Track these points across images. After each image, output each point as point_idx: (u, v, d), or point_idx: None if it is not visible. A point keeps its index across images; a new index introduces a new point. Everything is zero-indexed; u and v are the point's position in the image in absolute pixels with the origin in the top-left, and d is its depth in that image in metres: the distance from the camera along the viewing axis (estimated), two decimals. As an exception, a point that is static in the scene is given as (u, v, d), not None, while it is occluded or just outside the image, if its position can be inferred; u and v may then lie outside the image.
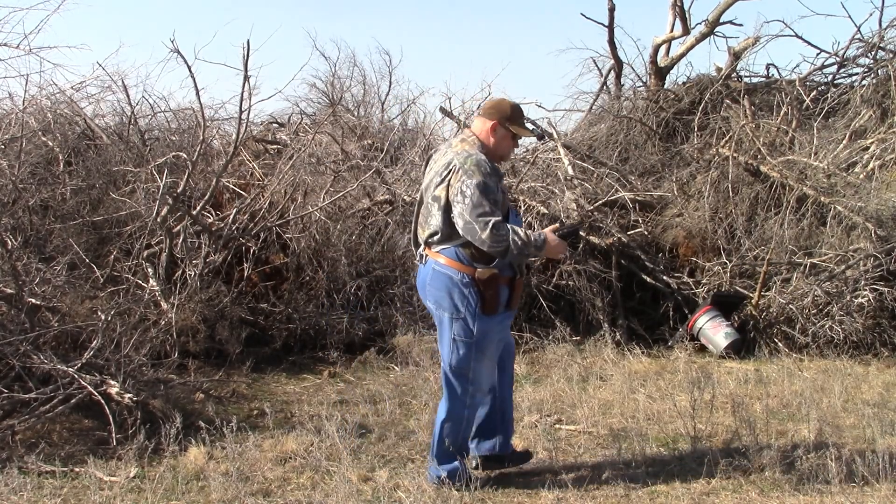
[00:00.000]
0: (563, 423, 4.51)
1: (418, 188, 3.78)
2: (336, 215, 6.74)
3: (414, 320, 6.28)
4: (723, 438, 4.21)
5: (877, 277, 6.26)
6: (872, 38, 8.66)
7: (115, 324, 4.76)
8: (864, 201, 6.49)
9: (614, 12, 9.21)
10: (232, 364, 5.66)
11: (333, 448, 3.95)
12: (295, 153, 7.07)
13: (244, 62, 5.70)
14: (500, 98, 3.63)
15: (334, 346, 6.10)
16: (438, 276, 3.39)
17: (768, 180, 7.12)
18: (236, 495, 3.47)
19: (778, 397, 4.98)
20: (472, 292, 3.33)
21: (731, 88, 8.90)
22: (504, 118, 3.41)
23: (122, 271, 5.88)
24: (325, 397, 5.13)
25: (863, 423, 4.40)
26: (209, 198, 6.18)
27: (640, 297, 6.98)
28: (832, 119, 8.04)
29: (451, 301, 3.36)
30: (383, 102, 11.09)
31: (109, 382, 4.30)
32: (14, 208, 5.82)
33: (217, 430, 4.02)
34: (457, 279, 3.34)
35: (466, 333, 3.38)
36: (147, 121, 8.07)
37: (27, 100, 6.53)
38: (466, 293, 3.34)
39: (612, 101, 9.61)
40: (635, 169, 8.12)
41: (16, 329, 4.57)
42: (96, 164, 6.77)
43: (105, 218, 6.32)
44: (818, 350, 6.15)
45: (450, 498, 3.41)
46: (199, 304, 5.66)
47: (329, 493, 3.48)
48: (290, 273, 6.56)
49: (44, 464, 3.76)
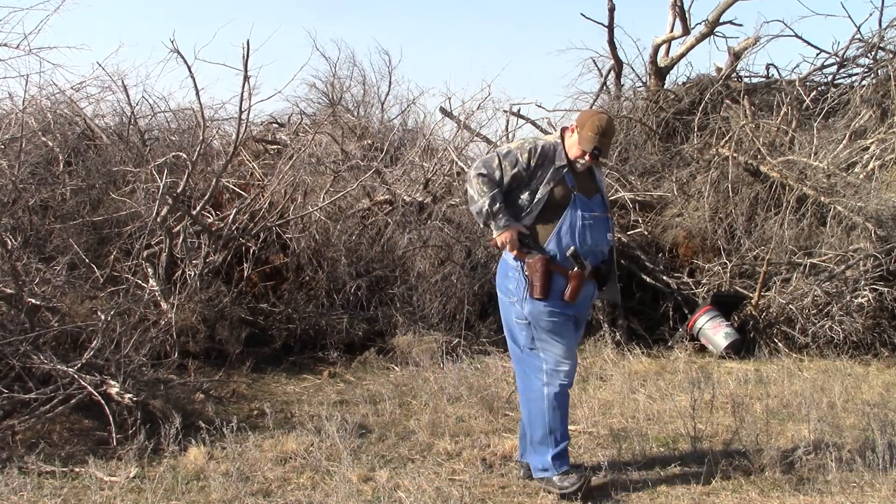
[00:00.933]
0: (564, 423, 4.50)
1: (419, 188, 3.83)
2: (336, 215, 6.74)
3: (414, 320, 6.28)
4: (723, 438, 4.21)
5: (877, 277, 6.26)
6: (872, 38, 8.66)
7: (115, 324, 4.76)
8: (864, 201, 6.49)
9: (614, 12, 9.19)
10: (232, 364, 5.66)
11: (333, 448, 3.95)
12: (295, 153, 7.07)
13: (244, 62, 5.71)
14: (594, 111, 3.74)
15: (334, 346, 6.10)
16: (502, 263, 3.69)
17: (768, 180, 7.12)
18: (236, 495, 3.46)
19: (778, 397, 4.98)
20: (523, 277, 3.51)
21: (731, 88, 8.90)
22: (580, 126, 3.53)
23: (122, 271, 5.88)
24: (325, 397, 5.13)
25: (863, 423, 4.40)
26: (209, 198, 6.18)
27: (640, 297, 6.98)
28: (832, 119, 8.03)
29: (507, 285, 3.60)
30: (383, 102, 11.09)
31: (109, 382, 4.29)
32: (14, 208, 5.81)
33: (217, 431, 4.03)
34: (512, 264, 3.57)
35: (520, 315, 3.56)
36: (147, 121, 8.07)
37: (27, 100, 6.52)
38: (518, 277, 3.54)
39: (612, 102, 9.60)
40: (635, 169, 8.12)
41: (16, 329, 4.57)
42: (96, 164, 6.77)
43: (105, 218, 6.32)
44: (818, 350, 6.15)
45: (450, 498, 3.41)
46: (199, 304, 5.66)
47: (329, 493, 3.48)
48: (290, 273, 6.56)
49: (44, 464, 3.76)
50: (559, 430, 3.53)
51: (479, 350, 6.06)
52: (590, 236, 3.52)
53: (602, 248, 3.58)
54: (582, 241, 3.50)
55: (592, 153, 3.48)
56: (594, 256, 3.55)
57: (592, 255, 3.54)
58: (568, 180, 3.54)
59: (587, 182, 3.61)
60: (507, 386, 5.24)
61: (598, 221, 3.56)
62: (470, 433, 4.33)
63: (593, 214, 3.54)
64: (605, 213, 3.62)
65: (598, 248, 3.56)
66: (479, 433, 4.33)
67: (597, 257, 3.57)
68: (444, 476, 3.72)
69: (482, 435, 4.30)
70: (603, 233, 3.58)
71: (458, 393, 4.98)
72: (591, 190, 3.60)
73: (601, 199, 3.63)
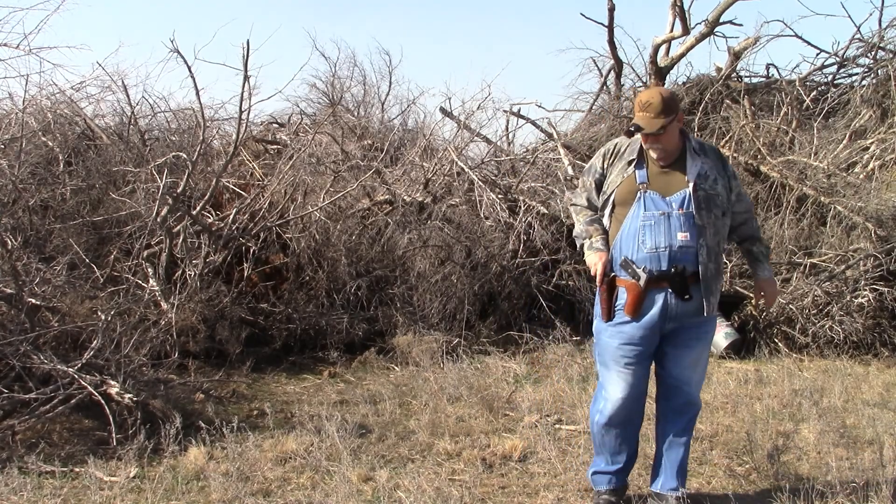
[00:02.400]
0: (564, 423, 4.51)
1: (419, 188, 3.78)
2: (336, 215, 6.74)
3: (414, 320, 6.28)
4: (723, 438, 4.21)
5: (877, 277, 6.26)
6: (872, 38, 8.66)
7: (115, 324, 4.75)
8: (864, 201, 6.49)
9: (614, 12, 9.20)
10: (232, 364, 5.66)
11: (333, 448, 3.95)
12: (295, 153, 7.07)
13: (244, 62, 5.71)
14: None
15: (334, 346, 6.10)
16: None
17: (768, 180, 7.12)
18: (236, 495, 3.46)
19: (778, 397, 4.98)
20: (598, 294, 3.29)
21: (731, 88, 8.90)
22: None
23: (122, 271, 5.88)
24: (325, 397, 5.13)
25: (863, 423, 4.40)
26: (209, 198, 6.18)
27: (640, 297, 6.98)
28: (832, 119, 8.03)
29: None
30: (383, 102, 11.07)
31: (109, 382, 4.30)
32: (14, 208, 5.81)
33: (217, 431, 4.03)
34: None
35: (592, 333, 3.39)
36: (147, 121, 8.08)
37: (27, 100, 6.52)
38: (596, 293, 3.31)
39: (612, 101, 9.60)
40: (635, 169, 8.11)
41: (16, 329, 4.57)
42: (96, 164, 6.77)
43: (105, 218, 6.32)
44: (818, 350, 6.15)
45: (450, 498, 3.41)
46: (199, 304, 5.66)
47: (329, 493, 3.48)
48: (290, 273, 6.56)
49: (44, 464, 3.76)
50: (598, 452, 3.41)
51: (480, 350, 6.06)
52: (649, 238, 3.10)
53: (669, 251, 3.08)
54: (640, 244, 3.11)
55: (628, 130, 3.18)
56: (656, 262, 3.09)
57: (653, 260, 3.09)
58: (639, 176, 3.17)
59: (672, 178, 3.16)
60: (507, 386, 5.25)
61: (665, 219, 3.10)
62: (470, 433, 4.33)
63: (660, 212, 3.10)
64: (682, 210, 3.09)
65: (661, 251, 3.09)
66: (479, 433, 4.33)
67: (660, 262, 3.09)
68: (444, 476, 3.71)
69: (482, 435, 4.29)
70: (669, 231, 3.09)
71: (458, 393, 4.98)
72: (674, 186, 3.14)
73: (686, 196, 3.11)
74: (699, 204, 3.12)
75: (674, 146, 3.20)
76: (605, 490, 3.39)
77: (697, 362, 3.27)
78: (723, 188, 3.21)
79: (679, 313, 3.14)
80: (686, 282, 3.10)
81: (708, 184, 3.16)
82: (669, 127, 3.13)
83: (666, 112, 3.11)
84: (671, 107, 3.13)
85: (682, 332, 3.19)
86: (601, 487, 3.40)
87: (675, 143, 3.20)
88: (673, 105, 3.14)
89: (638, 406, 3.32)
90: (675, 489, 3.30)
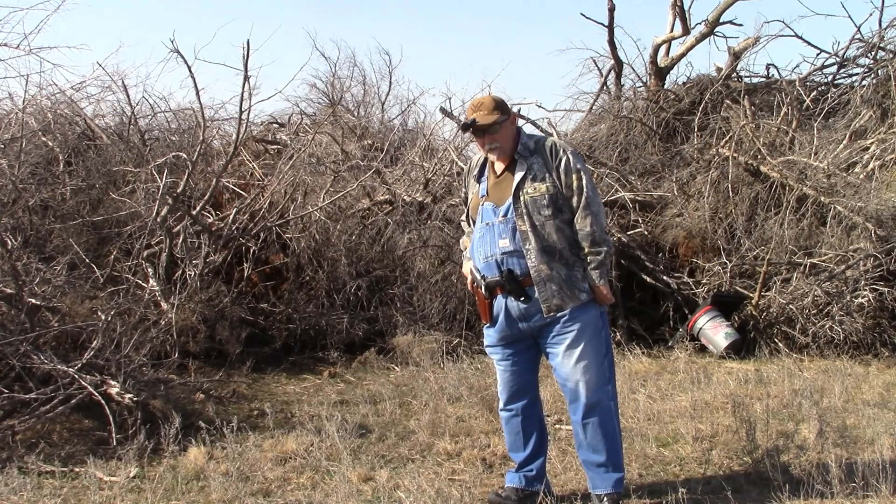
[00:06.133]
0: (564, 424, 4.50)
1: (419, 188, 3.80)
2: (336, 215, 6.74)
3: (414, 320, 6.28)
4: (723, 438, 4.21)
5: (877, 277, 6.26)
6: (872, 38, 8.66)
7: (115, 324, 4.76)
8: (864, 201, 6.48)
9: (614, 12, 9.20)
10: (232, 364, 5.66)
11: (333, 448, 3.95)
12: (295, 153, 7.07)
13: (244, 62, 5.72)
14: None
15: (334, 347, 6.10)
16: None
17: (768, 180, 7.11)
18: (236, 495, 3.46)
19: (778, 397, 4.97)
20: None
21: (731, 88, 8.90)
22: None
23: (122, 271, 5.88)
24: (325, 397, 5.13)
25: (863, 423, 4.40)
26: (209, 198, 6.18)
27: (640, 297, 6.99)
28: (832, 119, 8.03)
29: None
30: (383, 102, 11.09)
31: (109, 382, 4.30)
32: (14, 208, 5.82)
33: (217, 430, 4.03)
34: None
35: None
36: (147, 121, 8.10)
37: (27, 100, 6.53)
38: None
39: (613, 102, 9.60)
40: (635, 169, 8.12)
41: (16, 329, 4.57)
42: (96, 164, 6.77)
43: (105, 218, 6.33)
44: (818, 350, 6.15)
45: (450, 498, 3.40)
46: (199, 304, 5.66)
47: (329, 493, 3.48)
48: (290, 273, 6.57)
49: (44, 464, 3.76)
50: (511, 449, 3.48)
51: (480, 350, 6.06)
52: (482, 247, 3.25)
53: (495, 259, 3.19)
54: (479, 254, 3.27)
55: (463, 125, 3.25)
56: (489, 269, 3.22)
57: (488, 267, 3.22)
58: (481, 189, 3.32)
59: (504, 186, 3.24)
60: (507, 386, 5.23)
61: (490, 228, 3.22)
62: (470, 433, 4.33)
63: (486, 223, 3.23)
64: (504, 217, 3.18)
65: (489, 260, 3.21)
66: (479, 433, 4.32)
67: (491, 269, 3.21)
68: (444, 476, 3.71)
69: (482, 435, 4.29)
70: (493, 240, 3.20)
71: (458, 393, 4.98)
72: (506, 194, 3.21)
73: (510, 204, 3.17)
74: (519, 210, 3.17)
75: (510, 146, 3.27)
76: (506, 488, 3.41)
77: (579, 358, 3.19)
78: (551, 185, 3.19)
79: (526, 314, 3.22)
80: (520, 285, 3.18)
81: (533, 186, 3.19)
82: (504, 124, 3.22)
83: (499, 110, 3.22)
84: (503, 107, 3.25)
85: (546, 330, 3.24)
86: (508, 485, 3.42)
87: (511, 144, 3.27)
88: (504, 106, 3.27)
89: (523, 399, 3.43)
90: (602, 490, 3.28)
